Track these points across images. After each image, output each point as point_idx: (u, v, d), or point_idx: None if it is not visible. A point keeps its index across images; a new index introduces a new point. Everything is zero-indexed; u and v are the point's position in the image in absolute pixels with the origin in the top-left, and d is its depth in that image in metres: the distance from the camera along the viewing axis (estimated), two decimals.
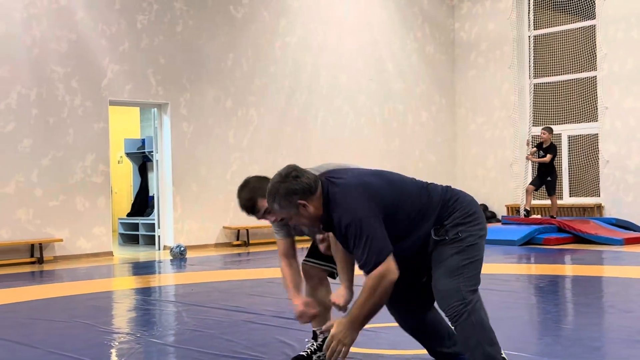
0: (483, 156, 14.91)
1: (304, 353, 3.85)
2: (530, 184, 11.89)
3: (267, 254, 10.49)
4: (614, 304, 5.84)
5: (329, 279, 3.89)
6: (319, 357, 3.79)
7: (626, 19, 12.87)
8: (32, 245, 10.02)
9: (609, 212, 12.97)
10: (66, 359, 4.19)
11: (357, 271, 3.26)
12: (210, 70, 11.86)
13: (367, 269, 3.02)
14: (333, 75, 13.41)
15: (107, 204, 10.77)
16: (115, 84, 10.86)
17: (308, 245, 3.94)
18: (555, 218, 11.68)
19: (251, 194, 3.50)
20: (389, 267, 3.01)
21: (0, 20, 9.85)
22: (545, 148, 11.59)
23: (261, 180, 3.52)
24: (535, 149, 11.84)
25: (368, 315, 3.07)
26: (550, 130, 11.66)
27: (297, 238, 3.81)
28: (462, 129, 15.22)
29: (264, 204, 3.42)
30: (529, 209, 11.82)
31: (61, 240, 10.18)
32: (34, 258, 9.97)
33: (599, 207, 13.15)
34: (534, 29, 13.77)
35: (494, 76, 14.74)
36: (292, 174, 3.08)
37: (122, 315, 5.97)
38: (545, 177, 11.68)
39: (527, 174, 12.97)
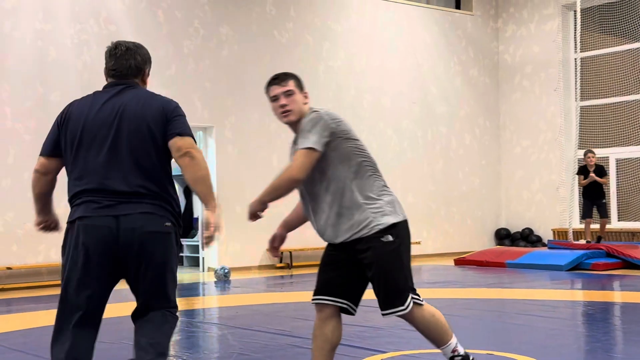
0: (528, 179, 14.73)
1: None
2: (586, 216, 11.60)
3: (310, 276, 10.49)
4: None
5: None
6: None
7: None
8: None
9: None
10: None
11: None
12: (255, 94, 11.98)
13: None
14: (376, 99, 13.44)
15: None
16: None
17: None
18: (601, 241, 11.49)
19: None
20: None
21: (51, 46, 10.14)
22: (597, 170, 11.45)
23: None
24: (582, 175, 11.62)
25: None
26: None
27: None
28: (506, 152, 15.08)
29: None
30: (590, 240, 11.64)
31: None
32: None
33: None
34: (581, 51, 13.63)
35: (539, 99, 14.60)
36: None
37: None
38: (597, 201, 11.49)
39: (574, 198, 12.76)
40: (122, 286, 3.32)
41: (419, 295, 3.44)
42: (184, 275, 11.36)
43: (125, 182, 3.06)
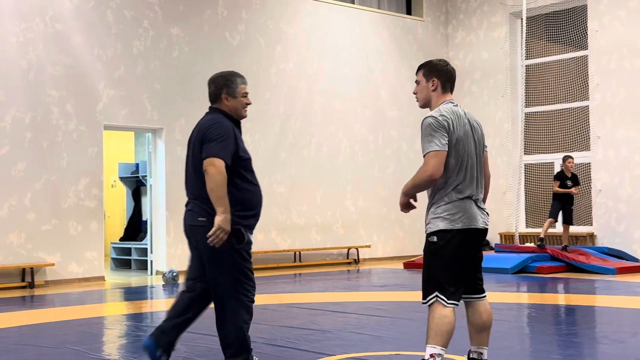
0: None
1: None
2: (552, 216, 11.72)
3: (259, 280, 10.44)
4: (607, 334, 5.83)
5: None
6: None
7: (618, 50, 13.00)
8: (24, 270, 9.96)
9: (602, 242, 12.99)
10: None
11: None
12: (205, 96, 11.85)
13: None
14: (328, 102, 13.49)
15: (99, 229, 10.74)
16: (110, 109, 10.89)
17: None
18: (567, 249, 11.58)
19: None
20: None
21: None
22: (572, 177, 11.65)
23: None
24: (558, 181, 11.77)
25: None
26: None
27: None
28: None
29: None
30: (543, 237, 11.72)
31: (53, 264, 10.13)
32: (25, 282, 9.92)
33: (592, 236, 13.18)
34: (527, 59, 13.90)
35: (487, 104, 14.84)
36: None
37: (113, 342, 5.93)
38: (567, 206, 11.67)
39: (520, 202, 12.98)
40: (72, 289, 3.25)
41: (449, 298, 3.72)
42: (132, 279, 11.20)
43: (189, 188, 4.11)
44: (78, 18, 10.60)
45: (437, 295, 3.72)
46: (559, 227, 12.05)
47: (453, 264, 3.74)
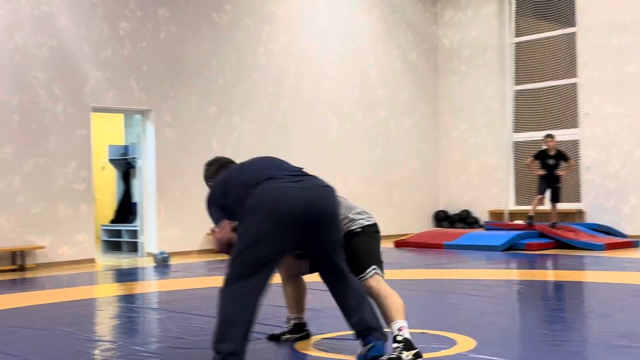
0: (466, 162, 14.99)
1: (277, 332, 4.71)
2: (540, 193, 11.77)
3: None
4: (594, 308, 5.90)
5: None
6: (287, 338, 4.64)
7: (606, 27, 13.01)
8: (14, 253, 9.95)
9: (590, 218, 13.09)
10: None
11: None
12: (194, 77, 11.86)
13: None
14: (317, 83, 13.45)
15: (89, 211, 10.72)
16: (98, 91, 10.83)
17: None
18: (556, 225, 11.63)
19: None
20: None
21: None
22: (556, 155, 11.67)
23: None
24: (533, 158, 11.82)
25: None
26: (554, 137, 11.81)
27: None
28: (445, 136, 15.30)
29: None
30: (532, 214, 11.77)
31: (43, 247, 10.12)
32: (16, 265, 9.91)
33: (580, 212, 13.27)
34: (516, 36, 13.89)
35: (476, 83, 14.84)
36: None
37: (104, 323, 5.95)
38: (554, 184, 11.70)
39: (510, 180, 13.03)
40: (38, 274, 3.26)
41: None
42: (122, 261, 11.21)
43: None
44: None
45: (374, 269, 4.18)
46: (548, 205, 12.12)
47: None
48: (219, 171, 4.28)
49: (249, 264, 3.63)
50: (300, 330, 4.68)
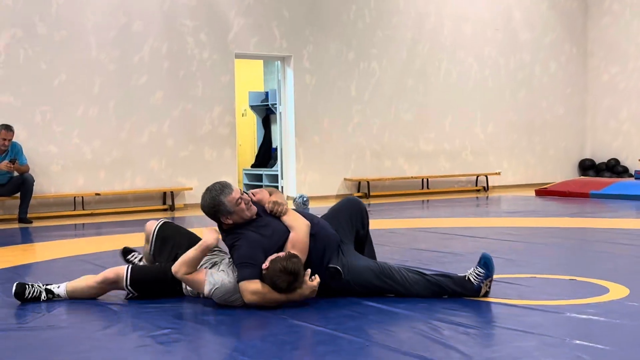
0: (616, 108, 14.17)
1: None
2: None
3: (387, 205, 10.52)
4: None
5: None
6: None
7: None
8: (164, 193, 10.52)
9: None
10: None
11: None
12: (333, 23, 11.86)
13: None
14: (457, 26, 13.08)
15: (233, 155, 11.11)
16: (240, 37, 11.09)
17: None
18: None
19: None
20: None
21: None
22: None
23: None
24: None
25: None
26: None
27: None
28: (593, 80, 14.50)
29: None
30: None
31: (191, 188, 10.63)
32: (166, 205, 10.49)
33: None
34: None
35: (629, 24, 13.89)
36: None
37: None
38: None
39: None
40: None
41: None
42: None
43: None
44: None
45: None
46: None
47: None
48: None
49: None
50: None
